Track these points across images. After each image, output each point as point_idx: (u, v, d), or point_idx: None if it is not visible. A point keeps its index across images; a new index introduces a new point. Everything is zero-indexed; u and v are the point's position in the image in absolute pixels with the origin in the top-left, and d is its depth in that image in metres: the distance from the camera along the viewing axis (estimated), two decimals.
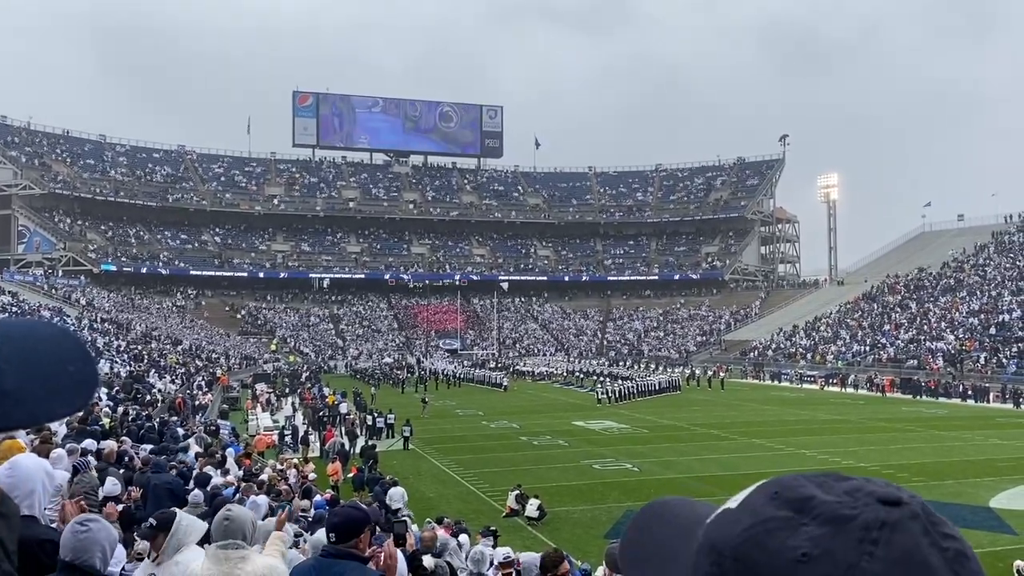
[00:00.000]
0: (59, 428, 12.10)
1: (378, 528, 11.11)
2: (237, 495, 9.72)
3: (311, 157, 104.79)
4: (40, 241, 76.67)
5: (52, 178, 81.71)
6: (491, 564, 9.39)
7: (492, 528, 14.79)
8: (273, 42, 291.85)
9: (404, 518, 9.19)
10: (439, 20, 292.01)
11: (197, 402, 34.01)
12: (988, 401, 45.72)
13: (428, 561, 6.47)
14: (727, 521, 0.69)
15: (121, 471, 9.49)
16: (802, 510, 0.64)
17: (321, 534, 6.00)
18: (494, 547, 12.07)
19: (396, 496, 17.83)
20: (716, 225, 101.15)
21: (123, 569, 4.68)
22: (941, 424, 36.00)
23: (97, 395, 24.37)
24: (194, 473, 10.68)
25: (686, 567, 0.71)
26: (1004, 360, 51.96)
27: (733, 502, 0.71)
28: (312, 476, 18.10)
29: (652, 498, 0.88)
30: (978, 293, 64.63)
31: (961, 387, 48.11)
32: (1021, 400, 43.84)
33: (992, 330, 57.34)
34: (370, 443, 28.17)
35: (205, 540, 4.01)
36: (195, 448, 15.74)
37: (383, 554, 3.94)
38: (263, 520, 7.06)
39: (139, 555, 5.32)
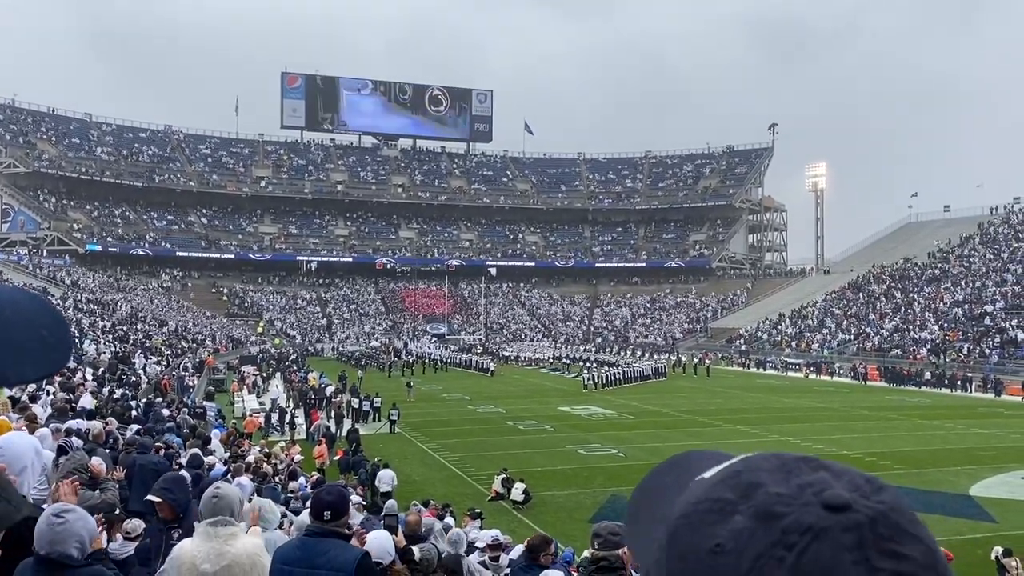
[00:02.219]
0: (43, 410, 12.07)
1: (366, 511, 11.15)
2: (227, 475, 9.72)
3: (299, 139, 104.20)
4: (24, 220, 75.96)
5: (37, 156, 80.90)
6: (468, 545, 9.45)
7: (478, 511, 14.89)
8: (260, 22, 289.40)
9: (395, 513, 9.23)
10: (424, 1, 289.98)
11: (185, 383, 33.93)
12: (970, 391, 46.23)
13: (417, 551, 6.50)
14: (690, 491, 0.67)
15: (107, 451, 9.47)
16: (745, 496, 0.62)
17: (305, 515, 6.02)
18: (480, 529, 12.14)
19: (385, 479, 17.91)
20: (704, 213, 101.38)
21: (108, 548, 4.68)
22: (923, 413, 36.37)
23: (82, 375, 24.25)
24: (182, 454, 10.67)
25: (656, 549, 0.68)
26: (986, 350, 52.50)
27: (712, 470, 0.69)
28: (298, 458, 18.14)
29: (637, 483, 0.84)
30: (963, 284, 65.15)
31: (944, 376, 48.61)
32: (1002, 390, 44.36)
33: (975, 320, 57.89)
34: (354, 426, 28.21)
35: (195, 519, 4.03)
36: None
37: (364, 534, 3.97)
38: (248, 501, 7.07)
39: (128, 534, 5.33)
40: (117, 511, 5.98)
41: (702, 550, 0.60)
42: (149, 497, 4.55)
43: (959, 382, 47.19)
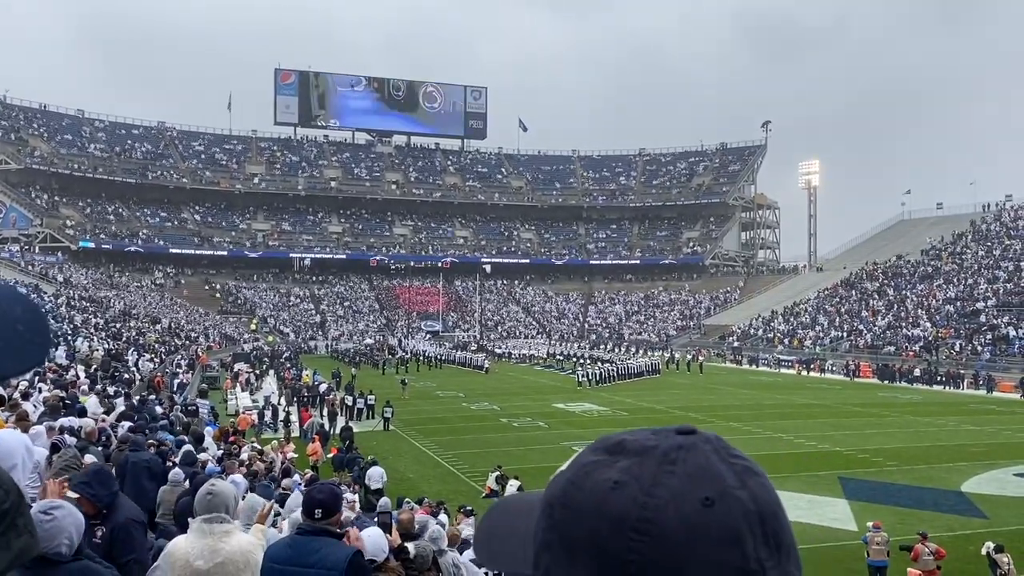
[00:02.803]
0: (35, 408, 12.02)
1: (358, 508, 11.13)
2: (221, 472, 9.69)
3: (293, 136, 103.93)
4: (16, 217, 75.58)
5: (29, 153, 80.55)
6: (463, 543, 9.44)
7: (470, 508, 14.89)
8: (253, 18, 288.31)
9: (389, 510, 9.21)
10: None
11: (177, 380, 33.82)
12: (962, 387, 46.40)
13: (412, 547, 6.50)
14: (556, 479, 0.77)
15: (99, 449, 9.44)
16: (615, 451, 0.74)
17: (297, 513, 6.01)
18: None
19: (375, 476, 17.89)
20: (698, 210, 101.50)
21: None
22: (916, 410, 36.50)
23: (75, 373, 24.14)
24: (180, 451, 10.64)
25: (533, 535, 0.78)
26: (979, 347, 52.70)
27: (564, 464, 0.81)
28: (292, 456, 18.10)
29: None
30: (955, 281, 65.38)
31: (936, 372, 48.80)
32: (994, 387, 44.55)
33: (967, 317, 58.11)
34: (348, 424, 28.17)
35: (188, 515, 4.01)
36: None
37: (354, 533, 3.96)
38: (242, 498, 7.05)
39: None
40: None
41: (599, 493, 0.71)
42: (68, 493, 4.41)
43: (951, 379, 47.35)
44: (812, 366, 56.53)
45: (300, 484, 13.08)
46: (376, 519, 7.80)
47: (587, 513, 0.70)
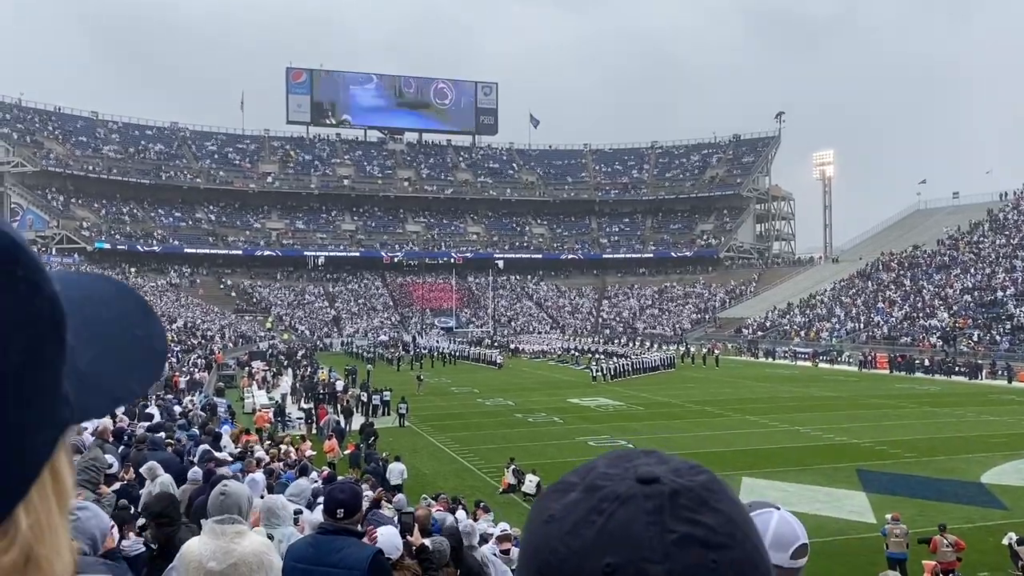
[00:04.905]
0: None
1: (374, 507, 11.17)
2: (240, 471, 9.74)
3: (305, 134, 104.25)
4: (33, 219, 76.26)
5: (44, 155, 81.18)
6: (481, 537, 9.46)
7: (482, 503, 14.92)
8: (263, 17, 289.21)
9: (411, 510, 9.23)
10: None
11: (193, 378, 34.06)
12: (981, 378, 46.03)
13: (428, 543, 6.52)
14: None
15: (119, 448, 9.51)
16: (583, 477, 0.68)
17: (318, 512, 6.03)
18: (494, 522, 12.16)
19: (396, 472, 17.97)
20: (711, 203, 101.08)
21: (120, 546, 4.70)
22: (934, 401, 36.23)
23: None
24: (198, 450, 10.70)
25: None
26: (997, 337, 52.26)
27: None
28: (310, 454, 18.18)
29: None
30: (972, 271, 64.83)
31: (954, 363, 48.45)
32: (1014, 376, 44.16)
33: (985, 307, 57.62)
34: (369, 420, 28.27)
35: (202, 515, 4.02)
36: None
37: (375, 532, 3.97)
38: (261, 497, 7.08)
39: (139, 532, 5.34)
40: (132, 511, 6.00)
41: (538, 522, 0.67)
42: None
43: (970, 369, 46.98)
44: (827, 358, 56.23)
45: (318, 482, 13.13)
46: (396, 520, 7.82)
47: (528, 536, 0.68)
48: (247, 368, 46.45)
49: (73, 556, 0.56)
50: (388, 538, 5.20)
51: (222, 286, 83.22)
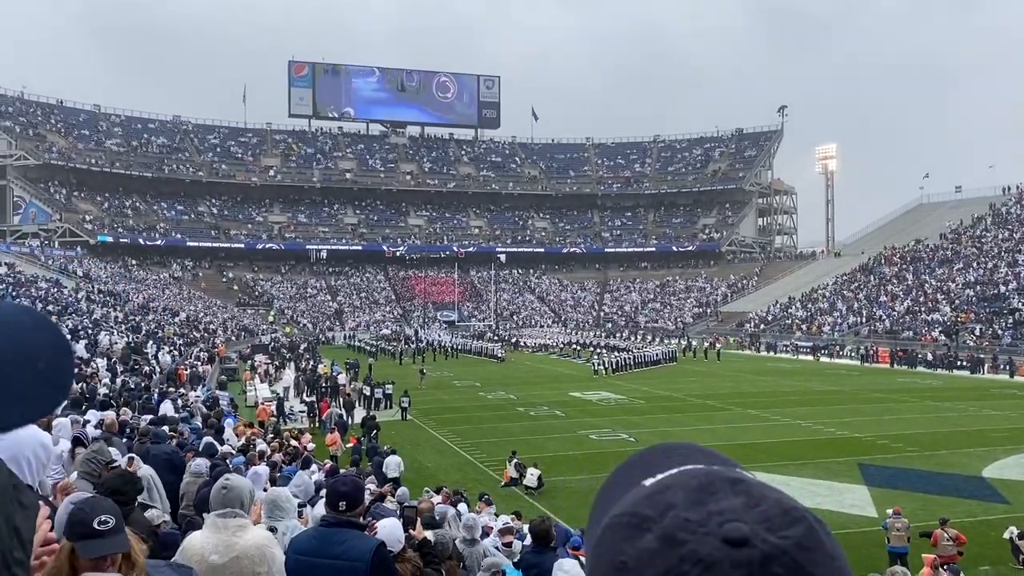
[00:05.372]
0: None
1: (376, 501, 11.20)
2: (244, 464, 9.77)
3: (307, 128, 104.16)
4: (36, 212, 76.29)
5: (47, 148, 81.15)
6: (483, 530, 9.49)
7: (488, 497, 14.95)
8: (265, 11, 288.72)
9: (414, 504, 9.25)
10: None
11: (196, 372, 34.10)
12: (983, 372, 46.02)
13: (431, 535, 6.54)
14: (624, 500, 0.68)
15: (124, 441, 9.54)
16: (661, 516, 0.63)
17: (320, 505, 6.05)
18: (496, 515, 12.19)
19: (392, 465, 17.99)
20: (714, 197, 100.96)
21: None
22: (936, 395, 36.24)
23: (95, 367, 24.36)
24: (202, 443, 10.73)
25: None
26: (999, 331, 52.22)
27: (651, 479, 0.70)
28: (311, 447, 18.21)
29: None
30: (975, 265, 64.73)
31: (956, 358, 48.42)
32: (1015, 371, 44.13)
33: (988, 301, 57.55)
34: (371, 414, 28.33)
35: (204, 508, 4.04)
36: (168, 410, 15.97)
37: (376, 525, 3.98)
38: (264, 490, 7.11)
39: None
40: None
41: (610, 564, 0.62)
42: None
43: (971, 364, 46.97)
44: (829, 352, 56.24)
45: (319, 474, 13.16)
46: (401, 513, 7.85)
47: (593, 572, 0.64)
48: (249, 361, 46.52)
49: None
50: (390, 530, 5.21)
51: (224, 279, 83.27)
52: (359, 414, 29.36)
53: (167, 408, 16.76)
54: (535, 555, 6.72)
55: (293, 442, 17.62)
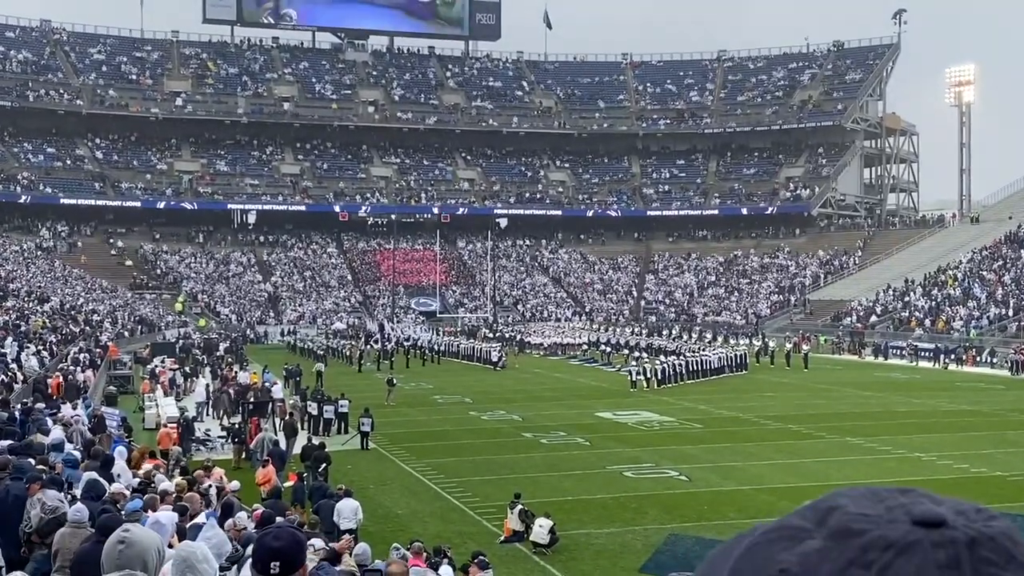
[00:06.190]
0: None
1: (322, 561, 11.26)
2: (142, 509, 9.79)
3: (229, 39, 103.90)
4: None
5: None
6: None
7: (485, 559, 14.97)
8: None
9: (379, 566, 9.30)
10: None
11: (76, 381, 34.21)
12: None
13: None
14: (757, 530, 0.74)
15: None
16: (822, 521, 0.69)
17: (247, 568, 6.05)
18: None
19: (347, 511, 18.01)
20: (802, 138, 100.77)
21: None
22: None
23: None
24: (81, 481, 10.75)
25: None
26: None
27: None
28: (233, 486, 18.25)
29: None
30: None
31: None
32: None
33: None
34: (316, 441, 28.39)
35: (92, 570, 4.04)
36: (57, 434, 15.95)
37: None
38: (169, 546, 7.12)
39: None
40: None
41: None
42: None
43: None
44: (964, 358, 56.26)
45: (248, 521, 13.21)
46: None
47: None
48: (149, 367, 46.62)
49: None
50: None
51: (113, 252, 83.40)
52: (301, 440, 29.45)
53: (57, 433, 16.72)
54: None
55: (207, 481, 17.69)
